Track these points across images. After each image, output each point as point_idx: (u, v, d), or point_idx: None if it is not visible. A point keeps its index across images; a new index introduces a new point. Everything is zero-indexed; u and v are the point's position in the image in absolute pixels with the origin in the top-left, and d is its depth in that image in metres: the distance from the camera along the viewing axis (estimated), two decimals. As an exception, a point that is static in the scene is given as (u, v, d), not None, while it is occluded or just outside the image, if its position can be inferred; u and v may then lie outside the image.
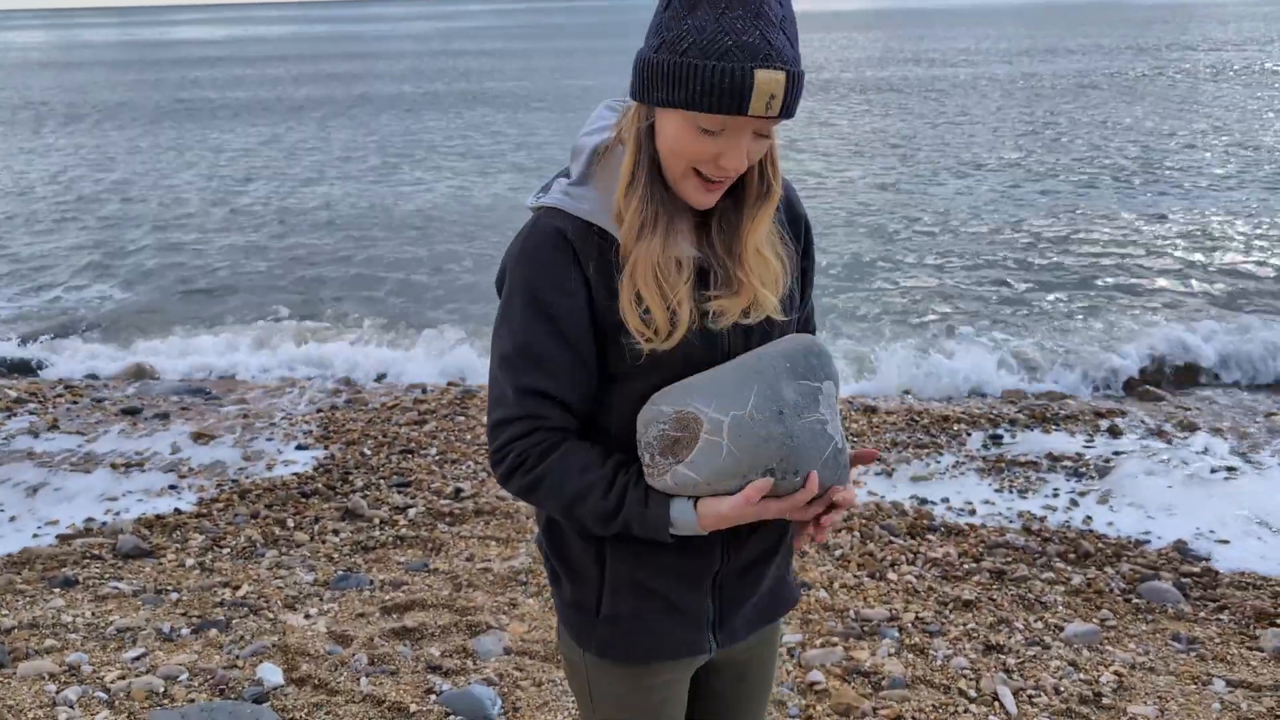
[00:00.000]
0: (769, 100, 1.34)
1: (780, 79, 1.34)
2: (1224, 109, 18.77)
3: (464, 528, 4.57)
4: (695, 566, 1.59)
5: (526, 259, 1.48)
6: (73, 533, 4.60)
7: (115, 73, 36.51)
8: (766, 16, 1.34)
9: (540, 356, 1.47)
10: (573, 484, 1.48)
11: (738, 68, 1.32)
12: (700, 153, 1.40)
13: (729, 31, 1.33)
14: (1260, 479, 5.06)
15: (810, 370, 1.48)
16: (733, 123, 1.37)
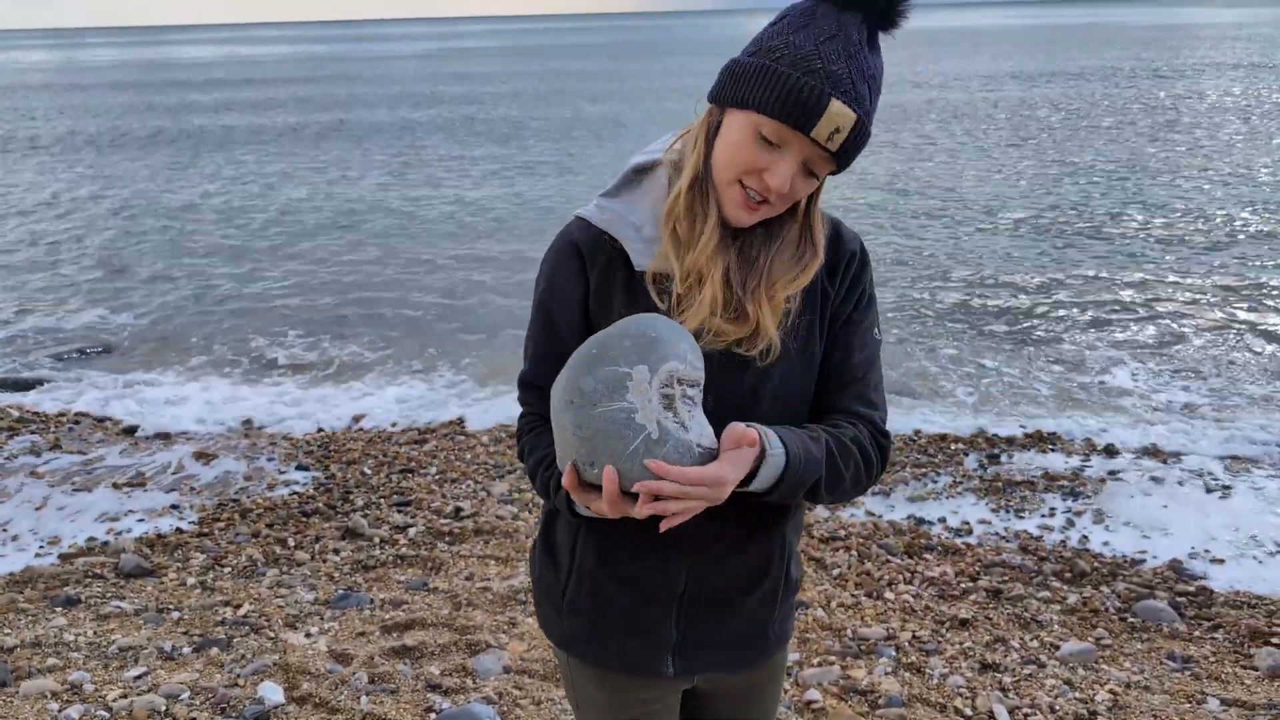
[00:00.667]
0: (833, 132, 1.40)
1: (851, 117, 1.40)
2: (1221, 145, 18.86)
3: (464, 547, 4.60)
4: (656, 584, 1.62)
5: (546, 261, 1.63)
6: (75, 552, 4.63)
7: (116, 94, 36.67)
8: (859, 62, 1.41)
9: (536, 351, 1.64)
10: (533, 459, 1.62)
11: (819, 87, 1.39)
12: (752, 161, 1.44)
13: (823, 56, 1.40)
14: (1255, 498, 5.09)
15: (623, 354, 1.38)
16: (793, 140, 1.42)
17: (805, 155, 1.43)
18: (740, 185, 1.47)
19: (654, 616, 1.63)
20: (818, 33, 1.41)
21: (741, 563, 1.63)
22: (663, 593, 1.62)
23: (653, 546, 1.57)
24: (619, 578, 1.63)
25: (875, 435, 1.59)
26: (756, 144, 1.44)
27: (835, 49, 1.40)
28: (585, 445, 1.38)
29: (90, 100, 33.72)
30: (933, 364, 7.51)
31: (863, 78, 1.41)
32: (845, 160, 1.45)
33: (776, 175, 1.43)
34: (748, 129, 1.44)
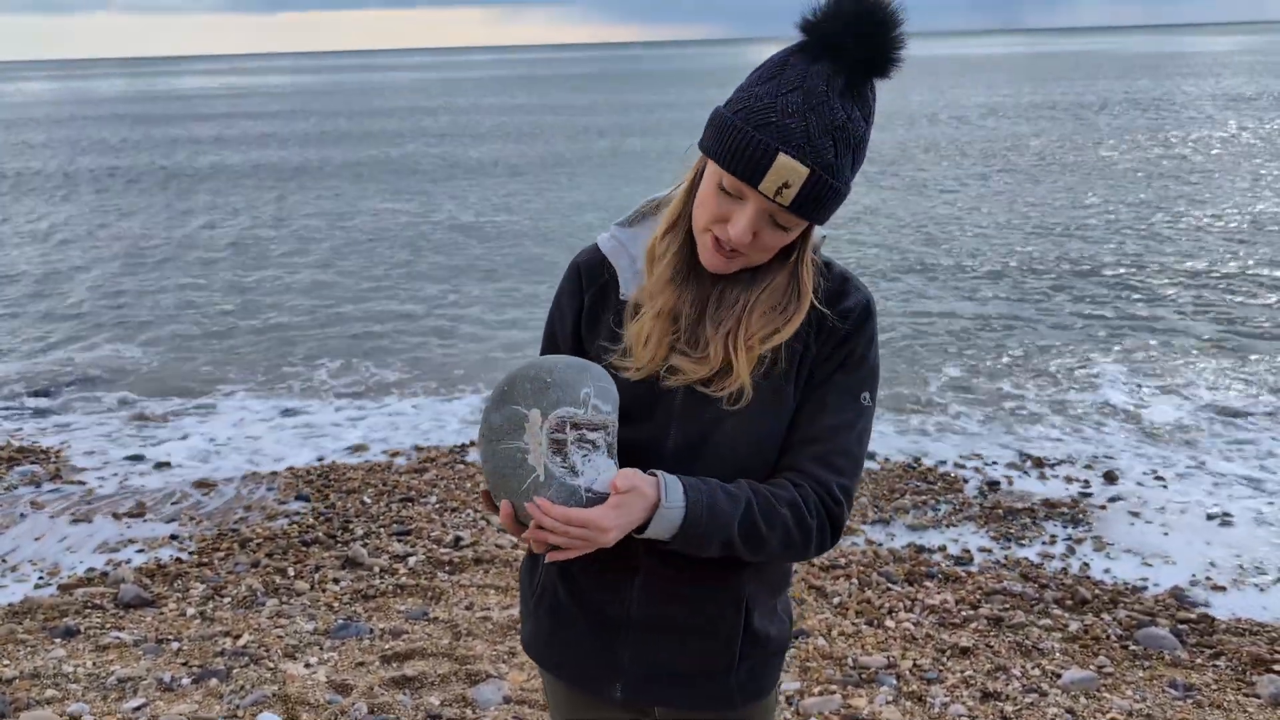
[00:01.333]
0: (781, 187, 1.39)
1: (801, 171, 1.38)
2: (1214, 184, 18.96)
3: (463, 576, 4.59)
4: (609, 607, 1.63)
5: (561, 280, 1.72)
6: (74, 582, 4.62)
7: (121, 127, 36.88)
8: (821, 113, 1.39)
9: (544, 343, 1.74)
10: None
11: (766, 142, 1.38)
12: (715, 211, 1.46)
13: (778, 110, 1.39)
14: (1256, 525, 5.09)
15: (522, 395, 1.44)
16: (747, 193, 1.42)
17: (762, 208, 1.43)
18: (712, 234, 1.48)
19: (605, 637, 1.65)
20: (782, 85, 1.41)
21: (694, 600, 1.61)
22: (615, 617, 1.63)
23: (610, 570, 1.60)
24: (575, 595, 1.67)
25: (824, 500, 1.53)
26: (719, 194, 1.45)
27: (795, 101, 1.39)
28: (491, 478, 1.47)
29: (93, 133, 33.92)
30: (932, 386, 7.51)
31: (825, 130, 1.39)
32: (806, 213, 1.42)
33: (735, 226, 1.44)
34: (713, 179, 1.46)
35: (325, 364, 8.59)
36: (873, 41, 1.39)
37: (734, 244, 1.45)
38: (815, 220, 1.46)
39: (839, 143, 1.40)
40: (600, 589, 1.64)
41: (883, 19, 1.38)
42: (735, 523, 1.47)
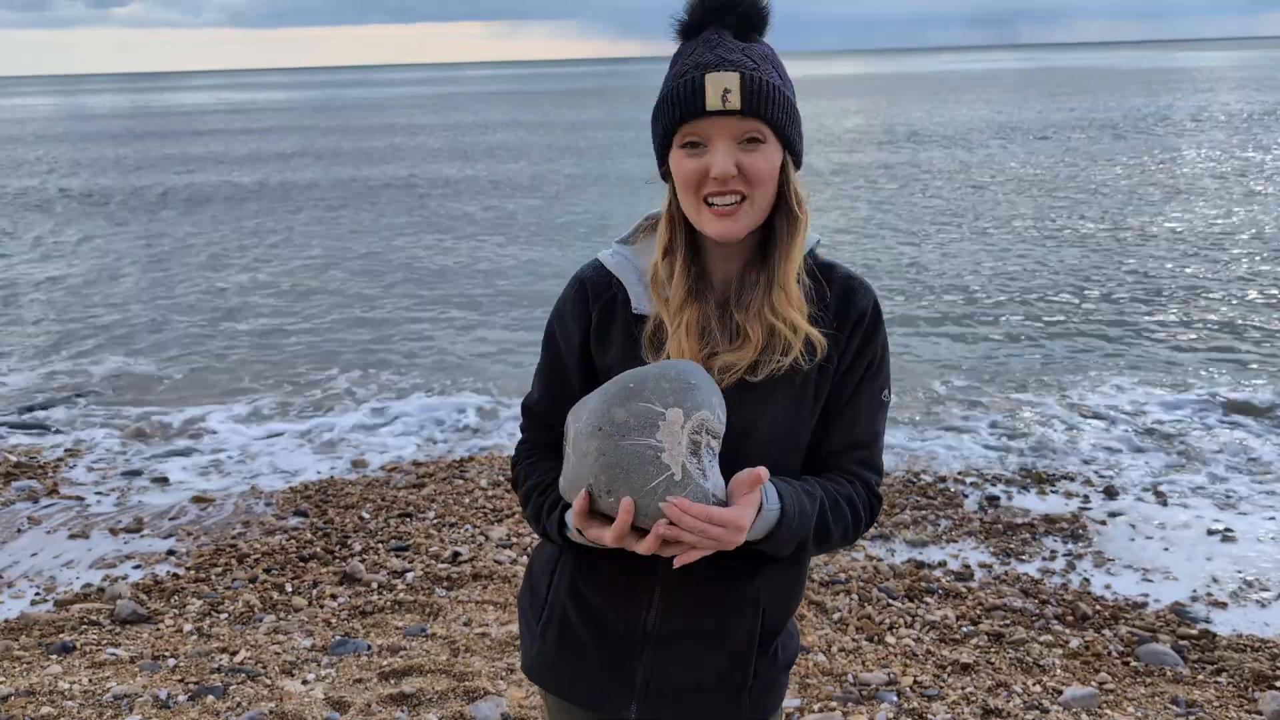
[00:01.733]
0: (724, 94, 1.47)
1: (732, 76, 1.47)
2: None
3: (462, 592, 4.58)
4: (624, 622, 1.62)
5: (560, 297, 1.71)
6: (70, 598, 4.60)
7: (124, 145, 36.94)
8: (725, 46, 1.51)
9: (542, 380, 1.72)
10: (526, 485, 1.68)
11: (690, 76, 1.50)
12: (695, 171, 1.51)
13: (687, 64, 1.52)
14: (1256, 540, 5.08)
15: (659, 394, 1.42)
16: (705, 129, 1.50)
17: (727, 133, 1.49)
18: (706, 204, 1.52)
19: (620, 655, 1.63)
20: (682, 55, 1.54)
21: (710, 614, 1.61)
22: (631, 634, 1.62)
23: (625, 586, 1.60)
24: (588, 614, 1.65)
25: (871, 498, 1.65)
26: (689, 156, 1.52)
27: (696, 53, 1.52)
28: (606, 473, 1.41)
29: (96, 152, 33.98)
30: (932, 399, 7.50)
31: (733, 52, 1.50)
32: (760, 110, 1.48)
33: (717, 163, 1.49)
34: (678, 155, 1.53)
35: (327, 380, 8.58)
36: (735, 8, 1.52)
37: (724, 177, 1.49)
38: (772, 119, 1.50)
39: (751, 56, 1.50)
40: (616, 605, 1.63)
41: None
42: (813, 521, 1.53)
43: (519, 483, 1.72)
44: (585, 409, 1.48)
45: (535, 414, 1.73)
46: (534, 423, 1.74)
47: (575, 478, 1.46)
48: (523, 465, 1.72)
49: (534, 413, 1.73)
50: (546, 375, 1.71)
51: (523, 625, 1.81)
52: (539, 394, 1.72)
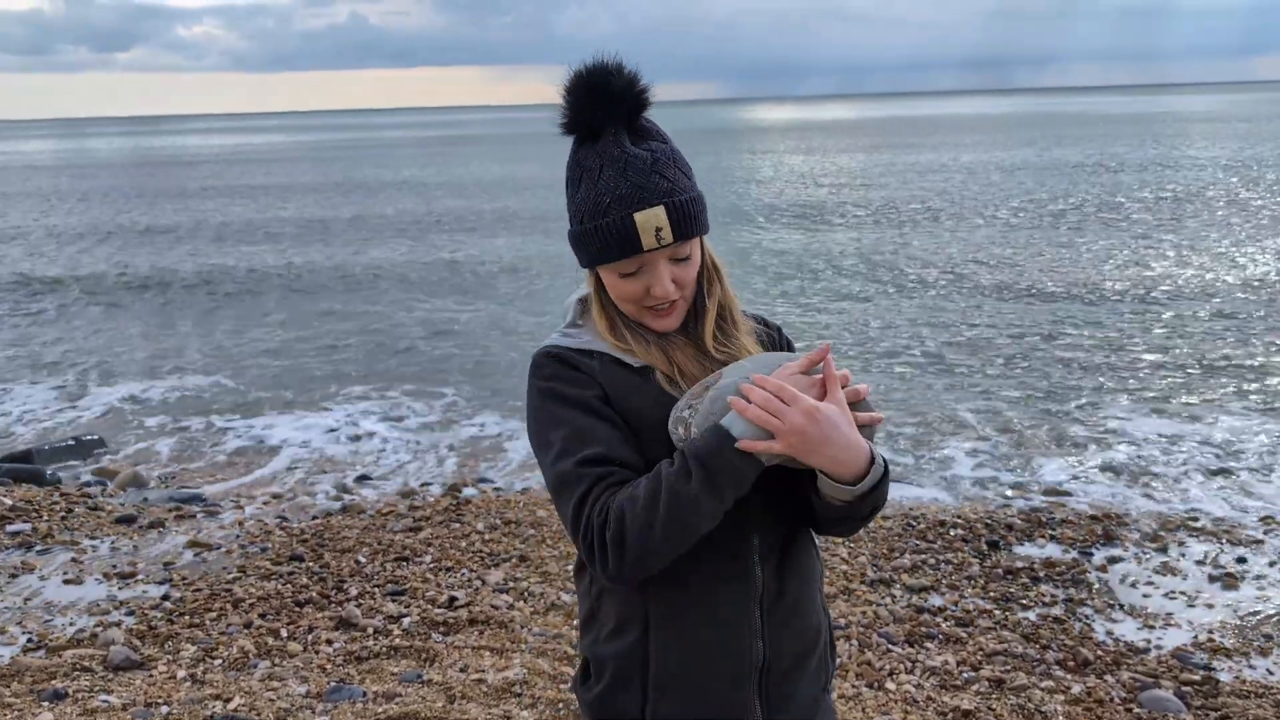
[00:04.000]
0: (657, 233, 1.55)
1: (659, 213, 1.55)
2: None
3: (458, 637, 4.54)
4: (736, 663, 1.59)
5: (537, 381, 1.63)
6: (63, 644, 4.55)
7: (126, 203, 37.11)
8: (635, 167, 1.56)
9: (584, 432, 1.56)
10: (645, 486, 1.50)
11: (617, 218, 1.55)
12: (633, 292, 1.61)
13: (605, 192, 1.56)
14: (1260, 586, 5.05)
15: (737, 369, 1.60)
16: (641, 260, 1.58)
17: (662, 259, 1.59)
18: (646, 308, 1.62)
19: (738, 701, 1.60)
20: (590, 177, 1.58)
21: (800, 625, 1.66)
22: (744, 671, 1.60)
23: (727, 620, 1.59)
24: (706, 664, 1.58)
25: None
26: (624, 280, 1.60)
27: (610, 175, 1.56)
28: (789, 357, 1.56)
29: (94, 190, 34.15)
30: (931, 440, 7.49)
31: (645, 173, 1.56)
32: (689, 232, 1.58)
33: (659, 287, 1.59)
34: (610, 276, 1.62)
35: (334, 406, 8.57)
36: (615, 97, 1.57)
37: (665, 298, 1.60)
38: (699, 232, 1.61)
39: (662, 172, 1.57)
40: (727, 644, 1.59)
41: (606, 77, 1.57)
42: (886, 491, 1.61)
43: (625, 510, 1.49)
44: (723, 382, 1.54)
45: (604, 459, 1.54)
46: (605, 468, 1.54)
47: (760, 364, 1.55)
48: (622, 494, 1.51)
49: (601, 459, 1.54)
50: (593, 426, 1.56)
51: None
52: (601, 440, 1.55)
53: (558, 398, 1.59)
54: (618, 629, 1.62)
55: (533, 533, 5.76)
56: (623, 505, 1.49)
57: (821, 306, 12.64)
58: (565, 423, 1.57)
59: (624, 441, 1.57)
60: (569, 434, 1.56)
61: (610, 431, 1.56)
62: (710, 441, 1.48)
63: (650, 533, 1.47)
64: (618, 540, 1.48)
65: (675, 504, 1.47)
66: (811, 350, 1.55)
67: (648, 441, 1.58)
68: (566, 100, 1.60)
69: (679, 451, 1.51)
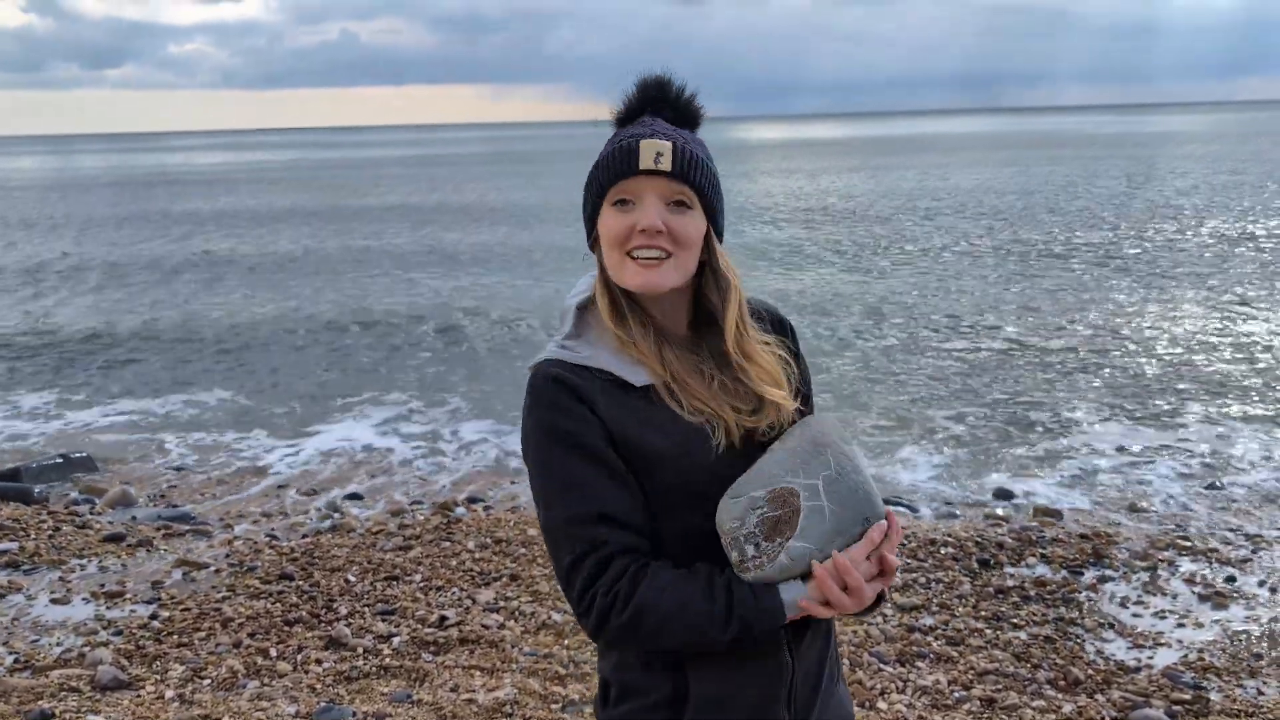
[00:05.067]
0: (656, 156, 1.55)
1: (665, 144, 1.57)
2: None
3: (448, 657, 4.52)
4: (771, 678, 1.59)
5: (536, 407, 1.56)
6: (50, 664, 4.52)
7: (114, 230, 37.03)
8: (660, 124, 1.60)
9: (582, 485, 1.51)
10: (670, 599, 1.47)
11: (626, 142, 1.58)
12: (624, 225, 1.56)
13: (624, 135, 1.61)
14: (1250, 605, 5.06)
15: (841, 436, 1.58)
16: (637, 187, 1.56)
17: (657, 192, 1.56)
18: (630, 257, 1.57)
19: (773, 714, 1.60)
20: (618, 134, 1.62)
21: (817, 636, 1.66)
22: (778, 685, 1.59)
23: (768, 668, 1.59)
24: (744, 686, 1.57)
25: None
26: (618, 214, 1.58)
27: (632, 129, 1.61)
28: (875, 500, 1.52)
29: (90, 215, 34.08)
30: (919, 458, 7.51)
31: (667, 128, 1.60)
32: (688, 175, 1.57)
33: (645, 215, 1.55)
34: (607, 213, 1.59)
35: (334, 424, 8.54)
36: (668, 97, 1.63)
37: (650, 230, 1.55)
38: (699, 185, 1.58)
39: (683, 135, 1.61)
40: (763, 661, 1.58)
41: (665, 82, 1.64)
42: None
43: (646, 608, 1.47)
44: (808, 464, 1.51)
45: (608, 518, 1.50)
46: (610, 530, 1.50)
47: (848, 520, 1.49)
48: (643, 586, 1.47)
49: (605, 518, 1.50)
50: (596, 474, 1.52)
51: None
52: (603, 495, 1.51)
53: (558, 436, 1.53)
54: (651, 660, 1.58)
55: (523, 551, 5.75)
56: (645, 608, 1.47)
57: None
58: (563, 467, 1.53)
59: (620, 490, 1.52)
60: (566, 482, 1.52)
61: (607, 484, 1.52)
62: (764, 621, 1.49)
63: (659, 640, 1.51)
64: (627, 630, 1.50)
65: (698, 638, 1.50)
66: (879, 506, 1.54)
67: (658, 473, 1.54)
68: (623, 100, 1.65)
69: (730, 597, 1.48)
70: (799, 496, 1.48)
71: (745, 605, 1.47)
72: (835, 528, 1.48)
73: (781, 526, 1.47)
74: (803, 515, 1.47)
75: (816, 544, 1.47)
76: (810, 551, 1.47)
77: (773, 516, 1.47)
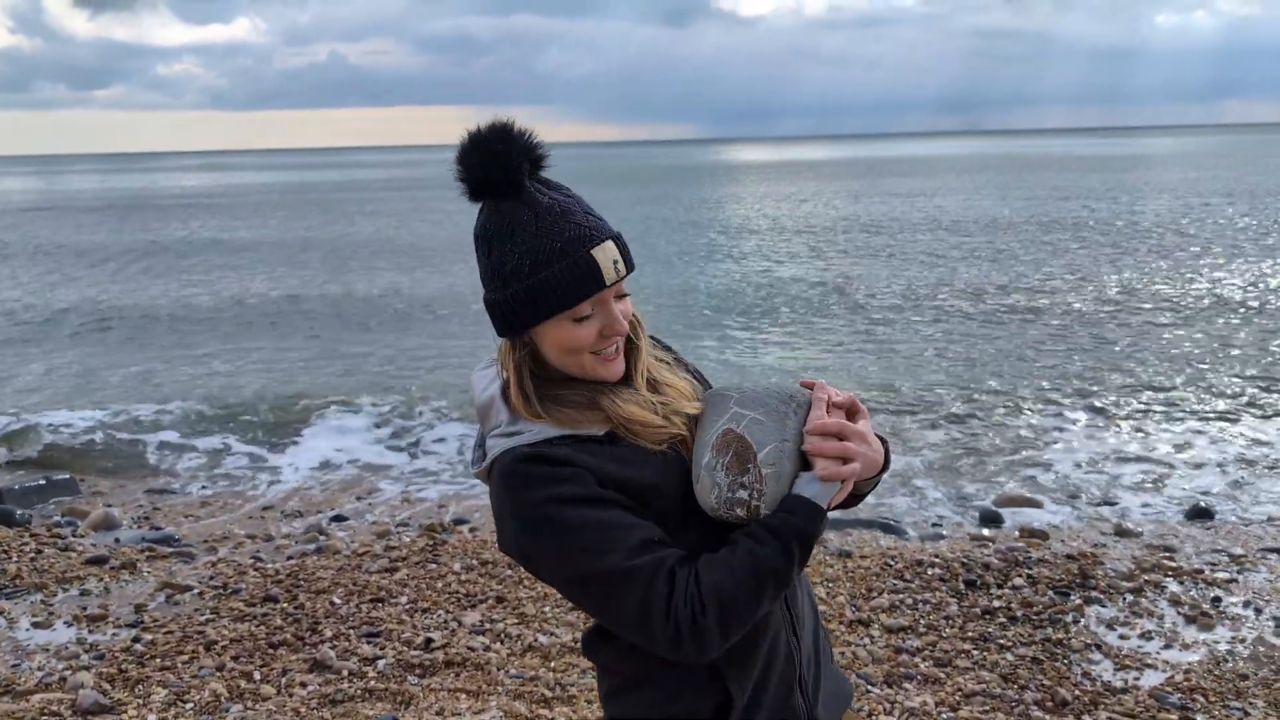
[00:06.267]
0: (615, 265, 1.56)
1: (611, 246, 1.56)
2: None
3: (434, 680, 4.49)
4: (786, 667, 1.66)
5: (525, 489, 1.52)
6: (31, 688, 4.48)
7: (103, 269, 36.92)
8: (571, 210, 1.56)
9: (609, 525, 1.50)
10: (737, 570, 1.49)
11: (578, 257, 1.53)
12: (588, 337, 1.57)
13: (553, 237, 1.53)
14: (1233, 627, 5.07)
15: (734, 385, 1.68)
16: (600, 298, 1.56)
17: (611, 294, 1.58)
18: (593, 353, 1.59)
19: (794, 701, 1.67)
20: (526, 226, 1.54)
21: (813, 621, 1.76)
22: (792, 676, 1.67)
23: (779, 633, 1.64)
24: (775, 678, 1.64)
25: None
26: (579, 326, 1.56)
27: (550, 221, 1.54)
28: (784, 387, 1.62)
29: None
30: (908, 481, 7.51)
31: (584, 214, 1.57)
32: (632, 265, 1.61)
33: (613, 325, 1.58)
34: (563, 326, 1.56)
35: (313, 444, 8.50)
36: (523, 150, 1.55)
37: (623, 334, 1.60)
38: (633, 268, 1.62)
39: (591, 212, 1.60)
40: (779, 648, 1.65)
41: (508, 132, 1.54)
42: None
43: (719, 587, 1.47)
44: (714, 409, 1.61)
45: (659, 539, 1.52)
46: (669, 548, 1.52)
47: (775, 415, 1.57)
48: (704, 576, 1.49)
49: (658, 540, 1.52)
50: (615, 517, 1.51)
51: None
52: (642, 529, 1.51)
53: (565, 500, 1.50)
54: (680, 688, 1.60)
55: (510, 573, 5.72)
56: (718, 590, 1.47)
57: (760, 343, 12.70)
58: (585, 521, 1.49)
59: (641, 518, 1.53)
60: (595, 534, 1.49)
61: (630, 518, 1.52)
62: (812, 523, 1.53)
63: (753, 615, 1.51)
64: (720, 623, 1.47)
65: (778, 585, 1.52)
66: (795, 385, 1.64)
67: (652, 503, 1.56)
68: (471, 162, 1.55)
69: (769, 529, 1.52)
70: (734, 428, 1.56)
71: (788, 524, 1.52)
72: (776, 422, 1.56)
73: (743, 458, 1.54)
74: (748, 435, 1.55)
75: (777, 439, 1.55)
76: (779, 446, 1.55)
77: (730, 458, 1.54)
